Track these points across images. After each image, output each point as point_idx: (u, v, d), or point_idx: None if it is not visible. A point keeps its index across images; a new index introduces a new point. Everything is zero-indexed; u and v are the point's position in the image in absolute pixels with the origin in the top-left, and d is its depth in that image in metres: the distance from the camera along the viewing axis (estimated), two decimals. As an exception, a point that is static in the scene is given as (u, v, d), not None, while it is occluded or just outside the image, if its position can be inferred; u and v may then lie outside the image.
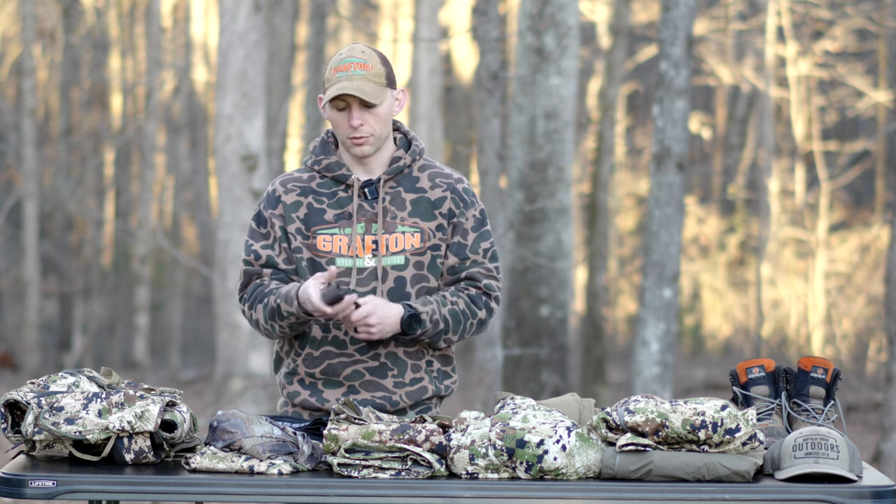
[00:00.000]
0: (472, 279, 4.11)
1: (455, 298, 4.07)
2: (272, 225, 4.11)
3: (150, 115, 18.83)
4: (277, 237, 4.11)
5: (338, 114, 4.06)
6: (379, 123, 4.06)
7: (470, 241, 4.12)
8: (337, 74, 4.03)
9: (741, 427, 3.60)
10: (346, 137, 4.07)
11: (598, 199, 17.02)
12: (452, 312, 4.05)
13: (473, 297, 4.10)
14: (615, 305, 23.04)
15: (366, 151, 4.07)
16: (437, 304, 4.04)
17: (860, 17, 20.52)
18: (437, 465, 3.63)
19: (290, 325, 4.03)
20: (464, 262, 4.11)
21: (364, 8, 22.55)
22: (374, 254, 4.07)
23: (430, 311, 4.02)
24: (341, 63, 4.03)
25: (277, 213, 4.11)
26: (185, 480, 3.62)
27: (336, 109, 4.06)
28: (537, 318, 10.03)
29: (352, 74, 4.01)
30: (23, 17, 18.02)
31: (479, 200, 4.21)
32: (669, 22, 8.60)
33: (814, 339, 19.10)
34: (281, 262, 4.11)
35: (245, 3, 9.99)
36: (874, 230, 20.49)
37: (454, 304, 4.06)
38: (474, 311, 4.09)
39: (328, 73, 4.06)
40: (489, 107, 7.79)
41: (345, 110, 4.05)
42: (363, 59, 4.03)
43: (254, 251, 4.12)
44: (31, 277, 18.01)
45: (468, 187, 4.17)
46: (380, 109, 4.05)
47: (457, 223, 4.11)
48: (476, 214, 4.14)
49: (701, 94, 25.08)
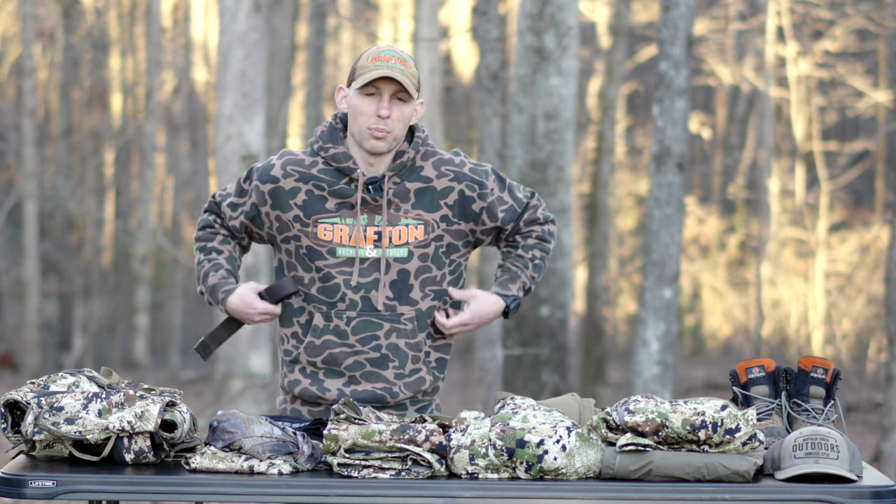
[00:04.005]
0: (531, 221, 4.22)
1: (531, 252, 4.22)
2: (249, 195, 4.15)
3: (150, 115, 18.84)
4: (245, 210, 4.16)
5: (366, 101, 4.03)
6: (402, 122, 4.05)
7: (510, 201, 4.17)
8: (376, 63, 4.01)
9: (741, 427, 3.60)
10: (366, 127, 4.04)
11: (598, 199, 17.03)
12: (535, 267, 4.22)
13: (542, 235, 4.24)
14: (615, 305, 23.04)
15: (381, 147, 4.05)
16: (522, 271, 4.20)
17: (860, 17, 20.52)
18: (437, 465, 3.63)
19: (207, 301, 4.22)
20: (518, 220, 4.20)
21: (364, 8, 22.56)
22: (377, 245, 4.07)
23: (522, 284, 4.20)
24: (381, 54, 4.03)
25: (263, 189, 4.11)
26: (185, 480, 3.62)
27: (365, 95, 4.03)
28: (537, 318, 10.04)
29: (392, 66, 4.01)
30: (23, 17, 18.02)
31: (483, 163, 4.28)
32: (669, 22, 8.60)
33: (814, 339, 19.10)
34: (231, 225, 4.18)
35: (245, 3, 9.99)
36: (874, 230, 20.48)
37: (532, 258, 4.22)
38: (547, 248, 4.25)
39: (364, 62, 4.04)
40: (489, 107, 7.79)
41: (374, 96, 4.03)
42: (402, 56, 4.05)
43: (225, 195, 4.20)
44: (31, 277, 18.01)
45: (471, 163, 4.17)
46: (406, 108, 4.05)
47: (488, 204, 4.14)
48: (493, 177, 4.18)
49: (701, 94, 25.08)
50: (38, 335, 18.41)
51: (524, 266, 4.20)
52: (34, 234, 17.85)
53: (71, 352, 19.96)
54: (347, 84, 4.09)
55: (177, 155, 22.15)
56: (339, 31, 22.05)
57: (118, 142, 20.49)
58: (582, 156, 19.89)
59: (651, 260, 8.72)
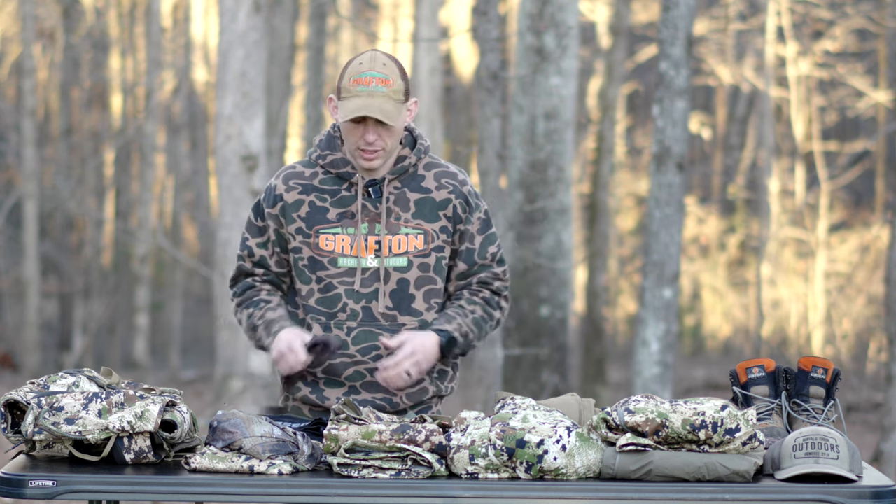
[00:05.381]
0: (484, 283, 4.14)
1: (472, 307, 4.10)
2: (268, 225, 4.11)
3: (150, 115, 18.83)
4: (272, 239, 4.12)
5: (352, 126, 4.00)
6: (392, 138, 4.02)
7: (478, 247, 4.12)
8: (357, 88, 3.95)
9: (741, 427, 3.60)
10: (355, 149, 4.03)
11: (598, 199, 17.02)
12: (475, 321, 4.09)
13: (488, 299, 4.13)
14: (615, 305, 23.03)
15: (374, 165, 4.03)
16: (461, 318, 4.07)
17: (860, 17, 20.52)
18: (437, 465, 3.63)
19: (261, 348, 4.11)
20: (472, 267, 4.12)
21: (364, 8, 22.56)
22: (377, 254, 4.06)
23: (458, 327, 4.05)
24: (363, 76, 3.96)
25: (275, 212, 4.09)
26: (185, 480, 3.62)
27: (351, 122, 3.99)
28: (537, 318, 10.04)
29: (373, 91, 3.95)
30: (23, 17, 18.01)
31: (482, 199, 4.21)
32: (669, 22, 8.60)
33: (814, 339, 19.10)
34: (273, 265, 4.12)
35: (245, 3, 9.98)
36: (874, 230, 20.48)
37: (473, 312, 4.09)
38: (491, 313, 4.13)
39: (347, 82, 3.98)
40: (489, 107, 7.79)
41: (360, 123, 3.99)
42: (384, 73, 3.96)
43: (248, 247, 4.14)
44: (31, 277, 18.01)
45: (472, 188, 4.15)
46: (395, 126, 4.01)
47: (464, 230, 4.11)
48: (481, 216, 4.14)
49: (701, 94, 25.08)
50: (38, 335, 18.40)
51: (463, 315, 4.08)
52: (34, 234, 17.85)
53: (71, 352, 19.96)
54: (338, 97, 4.04)
55: (177, 155, 22.14)
56: (339, 31, 22.05)
57: (118, 142, 20.49)
58: (582, 156, 19.88)
59: (651, 260, 8.72)
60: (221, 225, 10.16)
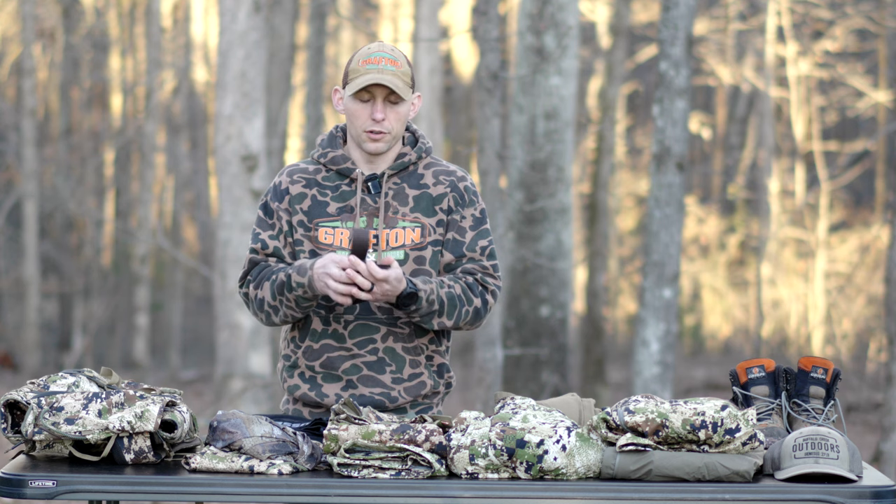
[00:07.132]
0: (469, 272, 4.11)
1: (452, 283, 4.06)
2: (279, 217, 4.13)
3: (150, 115, 18.84)
4: (284, 231, 4.13)
5: (360, 105, 4.06)
6: (398, 122, 4.07)
7: (467, 240, 4.12)
8: (367, 66, 4.02)
9: (741, 427, 3.60)
10: (362, 131, 4.07)
11: (598, 199, 17.02)
12: (449, 295, 4.03)
13: (470, 284, 4.09)
14: (615, 305, 23.03)
15: (380, 148, 4.07)
16: (436, 285, 4.03)
17: (860, 17, 20.52)
18: (437, 465, 3.63)
19: (297, 300, 4.00)
20: (460, 259, 4.12)
21: (364, 8, 22.56)
22: (375, 248, 4.08)
23: (428, 291, 4.00)
24: (371, 56, 4.04)
25: (283, 206, 4.13)
26: (185, 480, 3.62)
27: (359, 101, 4.05)
28: (537, 318, 10.04)
29: (383, 68, 4.02)
30: (23, 17, 18.02)
31: (481, 199, 4.21)
32: (669, 22, 8.60)
33: (814, 339, 19.10)
34: (286, 255, 4.14)
35: (245, 3, 9.98)
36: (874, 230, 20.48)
37: (451, 287, 4.05)
38: (470, 297, 4.07)
39: (355, 65, 4.05)
40: (489, 107, 7.79)
41: (368, 102, 4.05)
42: (393, 55, 4.04)
43: (261, 240, 4.14)
44: (31, 277, 18.01)
45: (470, 185, 4.16)
46: (402, 108, 4.06)
47: (451, 220, 4.12)
48: (475, 213, 4.14)
49: (701, 94, 25.08)
50: (38, 335, 18.41)
51: (440, 286, 4.03)
52: (34, 234, 17.85)
53: (71, 352, 19.96)
54: (342, 86, 4.11)
55: (177, 155, 22.15)
56: (339, 30, 22.06)
57: (118, 142, 20.49)
58: (582, 156, 19.89)
59: (651, 260, 8.72)
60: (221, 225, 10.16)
